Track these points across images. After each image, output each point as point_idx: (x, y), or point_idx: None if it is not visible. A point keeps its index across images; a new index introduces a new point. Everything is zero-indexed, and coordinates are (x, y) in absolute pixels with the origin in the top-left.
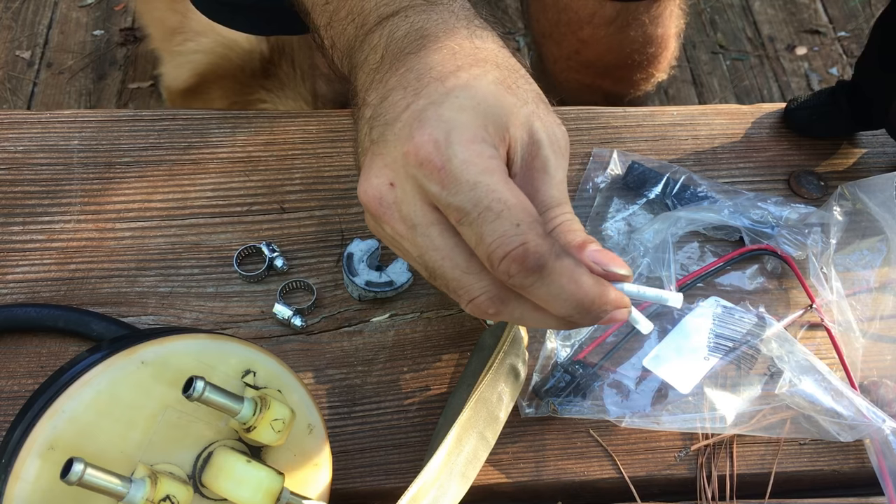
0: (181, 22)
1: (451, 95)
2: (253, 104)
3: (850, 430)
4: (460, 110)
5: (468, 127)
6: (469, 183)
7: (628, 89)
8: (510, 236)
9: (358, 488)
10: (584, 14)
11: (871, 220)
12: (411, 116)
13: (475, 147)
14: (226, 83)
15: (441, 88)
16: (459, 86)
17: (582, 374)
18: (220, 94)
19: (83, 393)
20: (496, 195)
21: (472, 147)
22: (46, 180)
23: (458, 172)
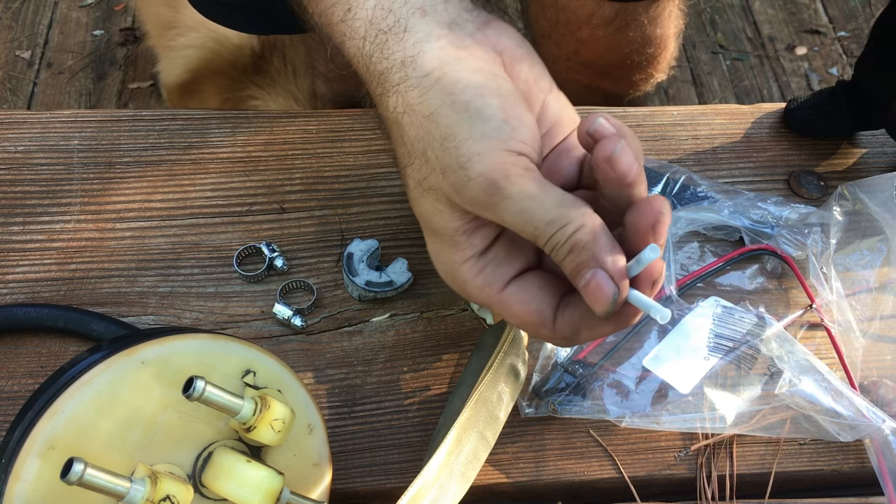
0: (174, 17)
1: (425, 234)
2: (244, 101)
3: (850, 430)
4: (435, 257)
5: (449, 273)
6: (482, 302)
7: (627, 90)
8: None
9: (358, 488)
10: (583, 14)
11: (871, 220)
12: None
13: (467, 290)
14: (218, 79)
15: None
16: (423, 229)
17: (582, 374)
18: (213, 91)
19: (83, 393)
20: (505, 318)
21: (466, 291)
22: (46, 180)
23: (473, 297)
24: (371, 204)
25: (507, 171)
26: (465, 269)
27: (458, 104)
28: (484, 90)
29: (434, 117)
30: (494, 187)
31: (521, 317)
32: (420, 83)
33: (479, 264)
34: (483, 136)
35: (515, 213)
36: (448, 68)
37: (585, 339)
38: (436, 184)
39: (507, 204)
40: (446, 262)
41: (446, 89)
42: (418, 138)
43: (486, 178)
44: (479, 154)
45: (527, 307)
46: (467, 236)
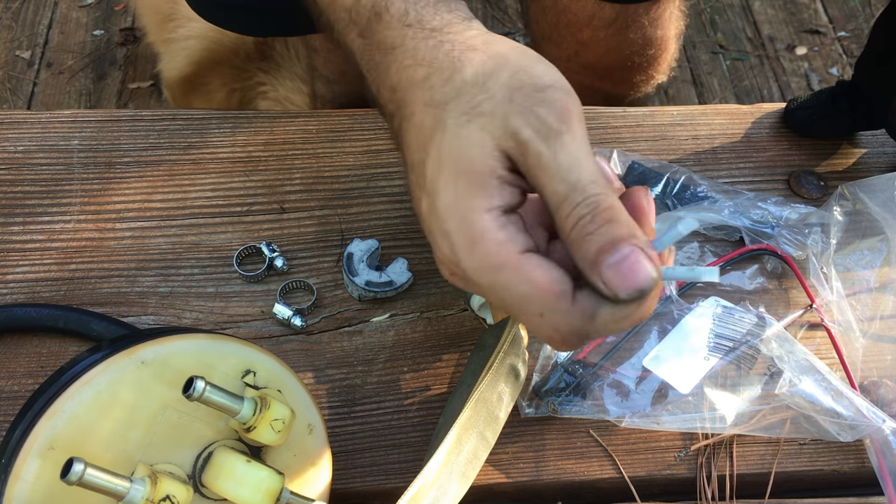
0: (172, 8)
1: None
2: (252, 89)
3: (850, 430)
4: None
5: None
6: (487, 285)
7: (628, 91)
8: (541, 327)
9: (358, 488)
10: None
11: (871, 221)
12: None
13: (480, 247)
14: (222, 69)
15: (428, 185)
16: (436, 174)
17: (582, 374)
18: (219, 83)
19: (83, 393)
20: (512, 291)
21: (477, 248)
22: (46, 180)
23: (476, 279)
24: (371, 204)
25: (577, 110)
26: (488, 217)
27: (529, 54)
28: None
29: (505, 56)
30: (568, 115)
31: (542, 282)
32: (484, 35)
33: (503, 219)
34: (554, 77)
35: (569, 154)
36: (498, 37)
37: (605, 318)
38: (491, 108)
39: (569, 139)
40: (467, 209)
41: (513, 44)
42: (479, 72)
43: (563, 104)
44: (558, 86)
45: (549, 274)
46: (500, 183)
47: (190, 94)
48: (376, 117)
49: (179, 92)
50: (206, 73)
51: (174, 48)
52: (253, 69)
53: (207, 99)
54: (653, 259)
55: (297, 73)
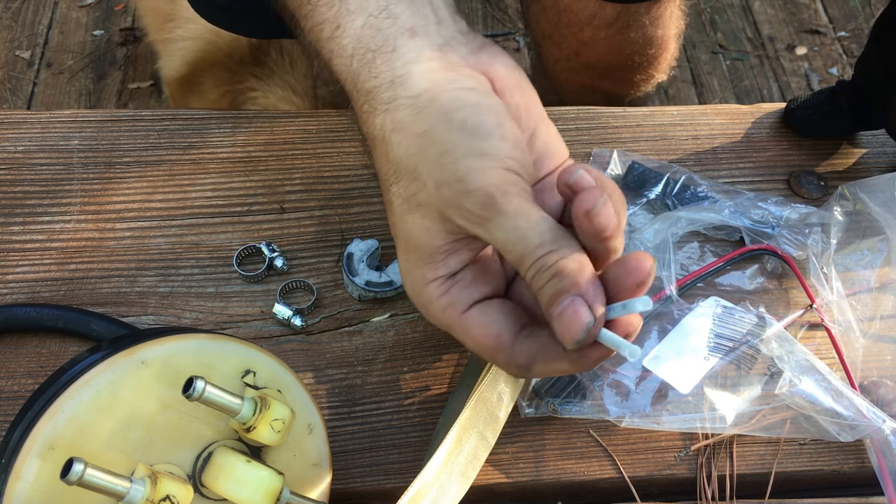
0: (172, 9)
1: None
2: (244, 93)
3: (850, 430)
4: (404, 274)
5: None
6: (444, 323)
7: (628, 90)
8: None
9: (358, 488)
10: (585, 16)
11: (871, 221)
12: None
13: (430, 310)
14: (216, 72)
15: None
16: (395, 239)
17: (582, 374)
18: (212, 84)
19: (83, 393)
20: (463, 342)
21: (429, 311)
22: (46, 180)
23: (435, 316)
24: (371, 204)
25: (506, 188)
26: (432, 287)
27: (454, 121)
28: (480, 108)
29: (429, 134)
30: (492, 202)
31: (479, 339)
32: (413, 102)
33: (447, 285)
34: (481, 152)
35: (508, 230)
36: (441, 88)
37: (539, 371)
38: (426, 199)
39: (502, 220)
40: (416, 279)
41: (441, 108)
42: (409, 155)
43: (484, 192)
44: (477, 169)
45: (486, 329)
46: (445, 256)
47: (186, 94)
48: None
49: (177, 92)
50: (200, 74)
51: (172, 48)
52: (246, 74)
53: (202, 99)
54: (593, 308)
55: (288, 81)
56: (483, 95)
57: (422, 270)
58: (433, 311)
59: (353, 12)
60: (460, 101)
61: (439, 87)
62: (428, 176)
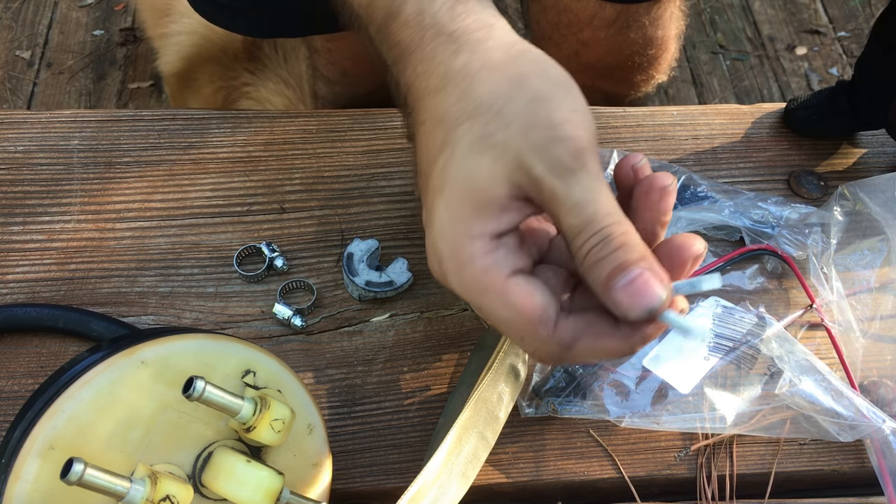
0: (168, 3)
1: (433, 209)
2: (238, 88)
3: (850, 430)
4: (442, 227)
5: (453, 246)
6: (474, 304)
7: (628, 91)
8: (521, 345)
9: (358, 488)
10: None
11: (871, 221)
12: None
13: (467, 270)
14: (210, 67)
15: (428, 198)
16: (437, 191)
17: (582, 374)
18: (207, 79)
19: (83, 393)
20: (495, 315)
21: (465, 271)
22: (46, 180)
23: (462, 296)
24: (371, 204)
25: (593, 146)
26: (478, 244)
27: (549, 75)
28: (564, 72)
29: (524, 78)
30: (581, 153)
31: (523, 308)
32: (507, 48)
33: (493, 244)
34: (574, 108)
35: (586, 189)
36: (529, 45)
37: (581, 351)
38: (504, 141)
39: (583, 176)
40: (459, 231)
41: (536, 60)
42: (496, 94)
43: (577, 143)
44: (572, 121)
45: (532, 298)
46: (499, 211)
47: (183, 90)
48: (376, 117)
49: (175, 88)
50: (195, 70)
51: (168, 43)
52: (240, 69)
53: (198, 94)
54: (662, 280)
55: (281, 75)
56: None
57: (469, 222)
58: (473, 269)
59: None
60: (549, 62)
61: (526, 44)
62: (515, 117)
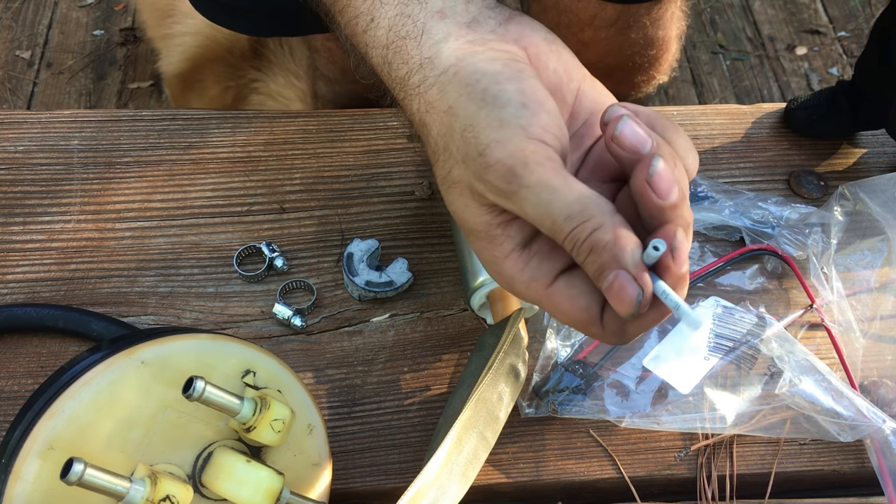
0: (171, 4)
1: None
2: (246, 86)
3: (850, 430)
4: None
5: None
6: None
7: (629, 91)
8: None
9: (358, 488)
10: (585, 16)
11: (871, 221)
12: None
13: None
14: (217, 67)
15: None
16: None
17: (582, 374)
18: (213, 79)
19: (83, 393)
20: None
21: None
22: (46, 180)
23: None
24: (371, 204)
25: (527, 158)
26: (508, 264)
27: (474, 94)
28: (501, 77)
29: (453, 110)
30: (513, 175)
31: (570, 314)
32: (438, 80)
33: (524, 258)
34: (500, 123)
35: (534, 204)
36: (465, 62)
37: (634, 333)
38: (458, 176)
39: (525, 193)
40: (488, 259)
41: (463, 81)
42: (441, 134)
43: (504, 165)
44: (497, 141)
45: (575, 304)
46: (502, 229)
47: (186, 91)
48: (376, 117)
49: (177, 90)
50: (200, 70)
51: (171, 44)
52: (246, 67)
53: (202, 95)
54: (637, 278)
55: (289, 68)
56: (505, 64)
57: (489, 250)
58: (518, 288)
59: (385, 3)
60: (480, 73)
61: (463, 62)
62: (457, 151)
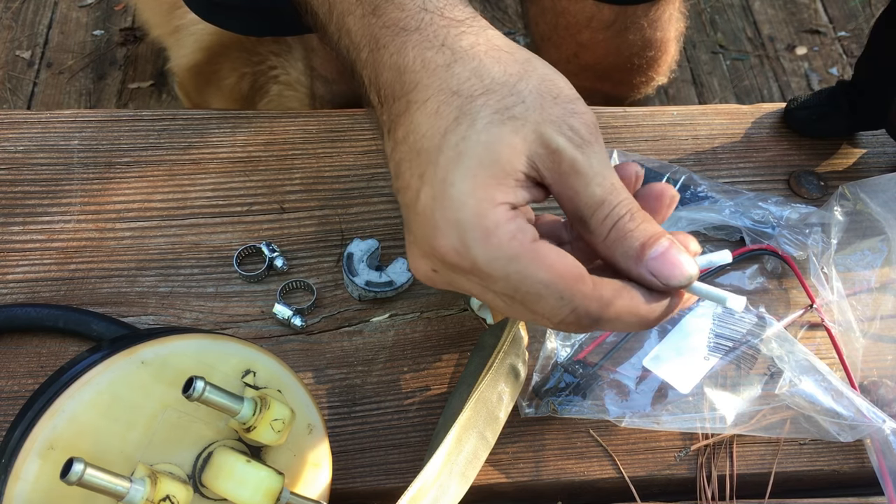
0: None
1: (447, 182)
2: (265, 73)
3: (850, 430)
4: (462, 197)
5: (477, 214)
6: (502, 276)
7: (628, 93)
8: (558, 308)
9: (358, 488)
10: (583, 18)
11: (871, 221)
12: (424, 216)
13: (493, 239)
14: (233, 54)
15: (439, 173)
16: (452, 163)
17: (582, 373)
18: (230, 67)
19: (83, 393)
20: (530, 280)
21: (491, 240)
22: (46, 180)
23: (488, 270)
24: (371, 204)
25: (596, 122)
26: (501, 210)
27: (548, 64)
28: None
29: (530, 62)
30: (595, 128)
31: (559, 267)
32: (507, 41)
33: (514, 213)
34: (576, 92)
35: (601, 161)
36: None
37: (619, 310)
38: (523, 113)
39: (598, 149)
40: (482, 199)
41: (526, 50)
42: (508, 73)
43: (589, 117)
44: (580, 99)
45: (565, 259)
46: (517, 184)
47: (201, 85)
48: None
49: (192, 85)
50: (216, 59)
51: (182, 36)
52: (265, 52)
53: (218, 87)
54: (688, 251)
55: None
56: None
57: (491, 190)
58: (500, 235)
59: None
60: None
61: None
62: (530, 93)
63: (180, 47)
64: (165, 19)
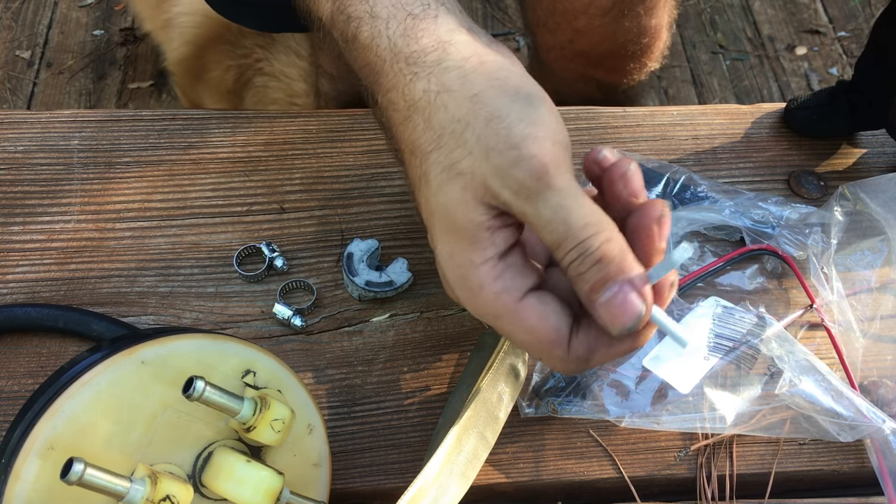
0: None
1: (435, 246)
2: (251, 66)
3: (850, 430)
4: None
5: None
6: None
7: (621, 79)
8: (544, 362)
9: (358, 488)
10: (580, 4)
11: (871, 221)
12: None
13: (479, 299)
14: (218, 46)
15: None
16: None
17: (582, 373)
18: (215, 61)
19: (83, 393)
20: (513, 337)
21: (477, 301)
22: (46, 180)
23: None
24: (371, 204)
25: (559, 160)
26: (483, 270)
27: (506, 88)
28: (527, 78)
29: (480, 98)
30: (545, 173)
31: (538, 332)
32: (460, 66)
33: (499, 268)
34: (535, 121)
35: (554, 207)
36: (487, 57)
37: (598, 361)
38: (469, 167)
39: (550, 195)
40: (461, 264)
41: (492, 74)
42: (455, 119)
43: (539, 162)
44: (533, 137)
45: (545, 322)
46: (490, 233)
47: (193, 81)
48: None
49: (185, 80)
50: (202, 53)
51: (170, 30)
52: (250, 45)
53: (207, 81)
54: (643, 294)
55: (290, 46)
56: (522, 68)
57: (468, 253)
58: (484, 296)
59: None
60: (508, 70)
61: (485, 56)
62: (476, 141)
63: (170, 41)
64: (155, 13)
